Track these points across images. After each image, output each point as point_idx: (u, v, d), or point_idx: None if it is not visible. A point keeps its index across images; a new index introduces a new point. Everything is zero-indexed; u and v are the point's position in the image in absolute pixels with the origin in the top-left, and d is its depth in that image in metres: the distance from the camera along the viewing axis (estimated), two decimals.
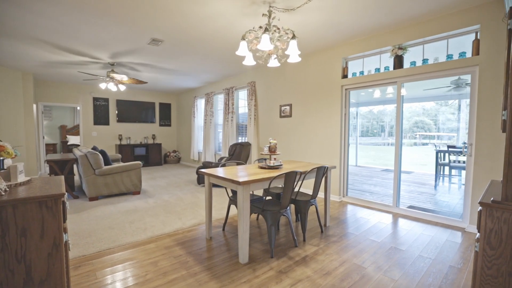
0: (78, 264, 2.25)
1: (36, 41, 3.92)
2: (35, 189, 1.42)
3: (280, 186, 3.47)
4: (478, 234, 1.36)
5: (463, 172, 5.16)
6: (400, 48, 3.49)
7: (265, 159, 3.25)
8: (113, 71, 5.02)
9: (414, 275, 2.09)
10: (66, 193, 1.83)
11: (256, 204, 2.55)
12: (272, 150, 2.85)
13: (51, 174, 4.73)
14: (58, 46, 4.17)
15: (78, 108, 7.66)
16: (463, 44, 3.16)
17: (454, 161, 5.35)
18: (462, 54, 3.03)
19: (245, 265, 2.23)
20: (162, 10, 3.00)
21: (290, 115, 5.04)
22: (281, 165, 2.89)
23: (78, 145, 9.17)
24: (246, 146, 5.44)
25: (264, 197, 2.90)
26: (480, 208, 1.33)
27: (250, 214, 2.41)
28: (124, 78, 5.11)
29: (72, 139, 9.62)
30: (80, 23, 3.32)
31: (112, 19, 3.22)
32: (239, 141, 6.38)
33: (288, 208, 2.59)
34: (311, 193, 4.82)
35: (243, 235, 2.23)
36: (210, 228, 2.80)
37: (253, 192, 3.59)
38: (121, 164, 4.52)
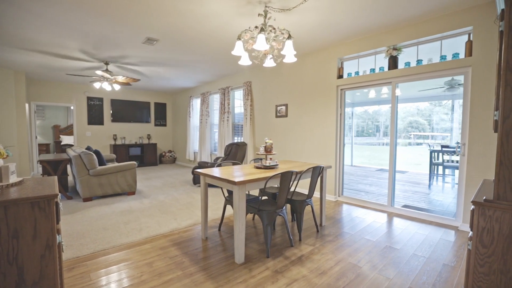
0: (71, 265, 2.22)
1: (31, 39, 3.86)
2: (27, 190, 1.40)
3: (276, 186, 3.47)
4: (471, 232, 1.38)
5: (456, 172, 5.22)
6: (394, 49, 3.52)
7: (261, 159, 3.25)
8: (107, 70, 4.96)
9: (409, 273, 2.11)
10: (60, 193, 1.80)
11: (252, 204, 2.55)
12: (268, 150, 2.85)
13: (44, 174, 4.66)
14: (52, 44, 4.12)
15: (72, 107, 7.57)
16: (457, 45, 3.20)
17: (448, 161, 5.42)
18: (455, 55, 3.07)
19: (241, 265, 2.23)
20: (157, 9, 2.98)
21: (286, 115, 5.05)
22: (277, 165, 2.90)
23: (72, 145, 9.06)
24: (242, 146, 5.44)
25: (260, 197, 2.90)
26: (472, 207, 1.35)
27: (246, 214, 2.41)
28: (119, 77, 5.06)
29: (65, 139, 9.49)
30: (77, 22, 3.28)
31: (108, 18, 3.18)
32: (235, 141, 6.37)
33: (284, 208, 2.60)
34: (306, 193, 4.84)
35: (239, 235, 2.23)
36: (206, 228, 2.79)
37: (249, 192, 3.59)
38: (116, 164, 4.48)
